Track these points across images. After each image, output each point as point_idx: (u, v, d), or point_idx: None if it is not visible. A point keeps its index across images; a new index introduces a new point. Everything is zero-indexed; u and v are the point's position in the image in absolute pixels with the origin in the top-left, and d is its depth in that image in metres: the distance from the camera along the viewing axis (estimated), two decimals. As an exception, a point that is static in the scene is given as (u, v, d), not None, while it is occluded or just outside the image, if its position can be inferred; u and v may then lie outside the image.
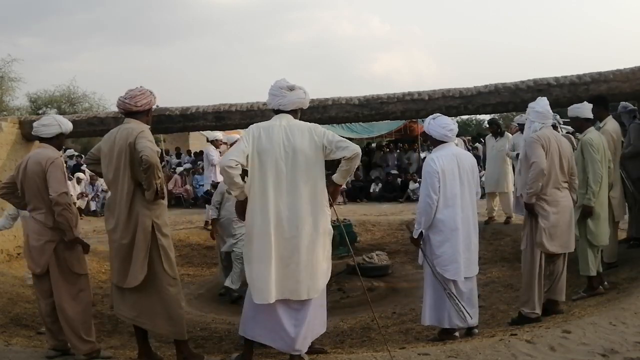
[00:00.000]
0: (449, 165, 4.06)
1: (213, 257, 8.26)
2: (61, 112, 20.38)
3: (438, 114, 4.36)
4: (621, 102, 6.45)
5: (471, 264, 4.12)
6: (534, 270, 4.30)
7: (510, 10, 76.98)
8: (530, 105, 4.59)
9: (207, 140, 10.85)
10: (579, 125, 4.99)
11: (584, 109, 4.93)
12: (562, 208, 4.35)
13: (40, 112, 22.18)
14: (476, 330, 4.15)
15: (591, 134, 4.88)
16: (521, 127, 8.69)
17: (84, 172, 12.77)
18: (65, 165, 4.15)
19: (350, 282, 6.51)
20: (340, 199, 13.89)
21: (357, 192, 14.38)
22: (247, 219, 3.47)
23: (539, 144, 4.28)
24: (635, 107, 6.30)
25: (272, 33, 76.66)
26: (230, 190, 3.52)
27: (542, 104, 4.49)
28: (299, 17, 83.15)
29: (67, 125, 4.10)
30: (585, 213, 4.79)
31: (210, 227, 9.65)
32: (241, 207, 3.50)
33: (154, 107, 4.03)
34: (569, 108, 5.05)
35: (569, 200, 4.44)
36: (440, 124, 4.18)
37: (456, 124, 4.28)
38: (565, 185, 4.42)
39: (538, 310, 4.27)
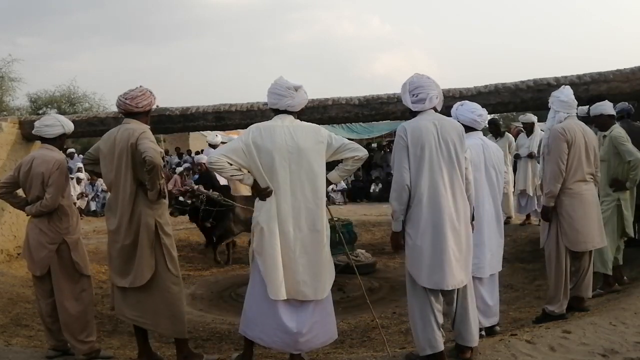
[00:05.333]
0: (476, 157, 3.82)
1: (213, 257, 8.27)
2: (61, 112, 20.33)
3: (465, 101, 4.16)
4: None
5: (492, 261, 3.96)
6: (560, 269, 4.20)
7: (511, 11, 76.98)
8: (554, 94, 4.46)
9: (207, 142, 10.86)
10: (603, 122, 5.04)
11: (607, 106, 4.99)
12: (587, 202, 4.23)
13: (40, 112, 22.14)
14: (498, 328, 4.08)
15: (617, 128, 4.98)
16: (526, 127, 8.72)
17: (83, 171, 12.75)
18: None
19: (350, 282, 6.51)
20: (340, 199, 13.94)
21: (357, 192, 14.41)
22: (255, 212, 3.47)
23: (563, 140, 4.15)
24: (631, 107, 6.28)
25: (272, 33, 76.70)
26: (237, 180, 3.50)
27: (566, 92, 4.39)
28: (299, 17, 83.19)
29: (69, 126, 4.10)
30: (618, 185, 4.95)
31: None
32: (254, 189, 3.47)
33: (154, 107, 4.03)
34: (591, 107, 5.08)
35: (594, 193, 4.33)
36: (468, 109, 3.96)
37: (486, 112, 4.05)
38: (591, 178, 4.30)
39: (563, 308, 4.22)
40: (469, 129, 3.92)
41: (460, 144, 3.34)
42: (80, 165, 12.77)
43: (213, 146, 10.05)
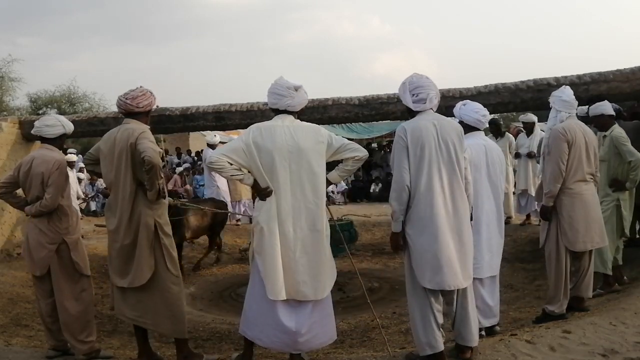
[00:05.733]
0: (477, 157, 3.82)
1: (212, 258, 8.27)
2: (61, 112, 20.35)
3: (467, 100, 4.16)
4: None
5: (492, 262, 3.95)
6: (560, 269, 4.20)
7: (511, 11, 77.01)
8: (555, 94, 4.47)
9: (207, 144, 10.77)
10: (604, 122, 5.04)
11: (607, 106, 5.00)
12: (587, 202, 4.22)
13: (40, 112, 22.12)
14: (498, 328, 4.09)
15: (618, 128, 4.99)
16: (526, 127, 8.72)
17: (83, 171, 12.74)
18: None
19: (351, 282, 6.52)
20: (341, 199, 13.94)
21: (357, 192, 14.41)
22: (255, 212, 3.47)
23: (564, 140, 4.15)
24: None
25: (272, 33, 76.75)
26: (237, 180, 3.51)
27: (567, 92, 4.41)
28: (299, 17, 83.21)
29: (69, 126, 4.11)
30: (618, 185, 4.96)
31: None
32: (254, 189, 3.48)
33: (154, 107, 4.03)
34: (590, 107, 5.09)
35: (594, 193, 4.33)
36: (472, 109, 3.96)
37: (487, 112, 4.06)
38: (590, 178, 4.30)
39: (563, 308, 4.22)
40: (471, 128, 3.94)
41: (460, 144, 3.34)
42: (81, 165, 12.77)
43: (211, 146, 10.05)
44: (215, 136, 10.21)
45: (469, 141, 3.79)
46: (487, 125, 4.21)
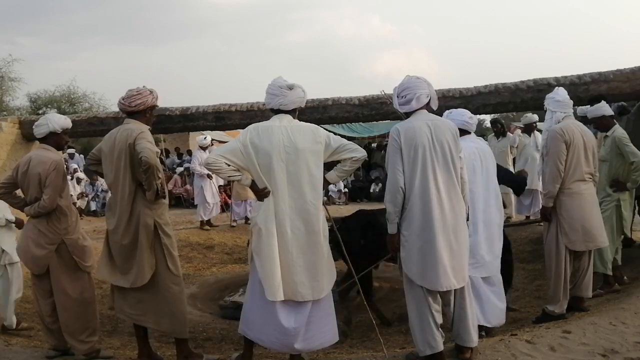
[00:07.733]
0: (470, 159, 3.83)
1: (213, 257, 8.27)
2: (61, 112, 20.25)
3: (450, 110, 4.20)
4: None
5: (496, 263, 3.96)
6: (560, 269, 4.21)
7: (511, 11, 77.00)
8: (549, 96, 4.50)
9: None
10: (606, 123, 5.05)
11: (607, 107, 5.02)
12: (586, 201, 4.24)
13: (40, 112, 22.08)
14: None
15: (620, 129, 5.01)
16: (527, 128, 8.71)
17: (84, 171, 12.73)
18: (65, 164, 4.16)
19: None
20: (341, 199, 13.94)
21: (357, 192, 14.42)
22: (253, 213, 3.48)
23: (561, 140, 4.18)
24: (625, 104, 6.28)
25: (273, 33, 76.78)
26: (235, 181, 3.50)
27: (561, 92, 4.44)
28: (300, 17, 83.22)
29: (56, 123, 4.01)
30: (619, 186, 4.97)
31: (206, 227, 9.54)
32: (252, 190, 3.48)
33: (152, 107, 4.01)
34: (589, 110, 5.10)
35: (593, 193, 4.34)
36: (459, 112, 4.03)
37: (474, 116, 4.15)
38: (589, 178, 4.31)
39: (563, 308, 4.22)
40: (461, 132, 3.94)
41: (455, 145, 3.33)
42: (76, 166, 12.77)
43: (203, 148, 9.94)
44: (206, 138, 10.10)
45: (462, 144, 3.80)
46: (476, 128, 4.21)
